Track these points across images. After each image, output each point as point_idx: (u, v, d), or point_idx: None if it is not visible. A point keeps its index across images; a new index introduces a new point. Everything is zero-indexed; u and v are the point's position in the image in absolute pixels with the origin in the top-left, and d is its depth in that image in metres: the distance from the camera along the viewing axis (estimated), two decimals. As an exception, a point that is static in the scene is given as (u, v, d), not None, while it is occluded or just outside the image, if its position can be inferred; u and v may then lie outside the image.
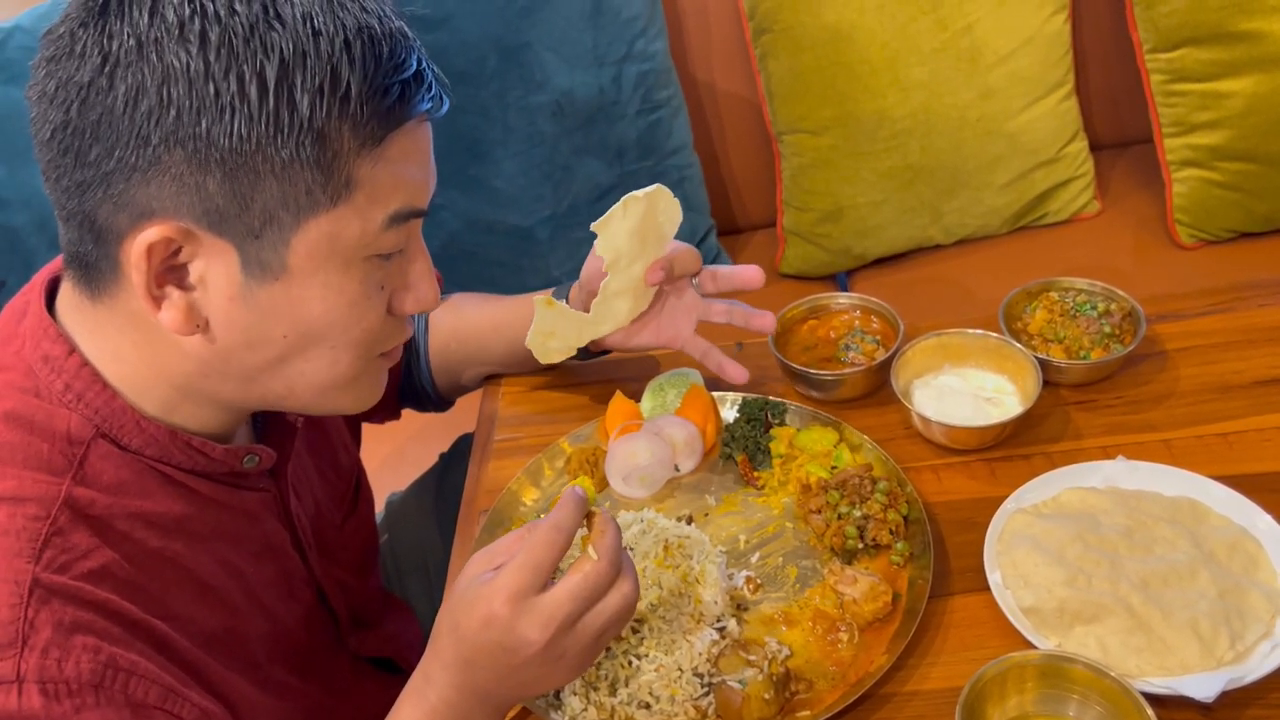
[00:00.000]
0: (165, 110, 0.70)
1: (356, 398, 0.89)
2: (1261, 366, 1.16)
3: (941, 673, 0.93)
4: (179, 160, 0.71)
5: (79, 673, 0.72)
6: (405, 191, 0.79)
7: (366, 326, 0.82)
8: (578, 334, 1.14)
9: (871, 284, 1.94)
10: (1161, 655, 0.88)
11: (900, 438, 1.15)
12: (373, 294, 0.81)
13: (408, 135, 0.78)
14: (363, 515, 1.17)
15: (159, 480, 0.84)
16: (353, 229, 0.77)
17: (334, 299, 0.79)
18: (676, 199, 1.09)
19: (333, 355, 0.82)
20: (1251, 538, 0.97)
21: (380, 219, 0.78)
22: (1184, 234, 1.87)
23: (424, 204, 0.82)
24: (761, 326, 1.17)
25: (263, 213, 0.74)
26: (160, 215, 0.73)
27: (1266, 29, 1.69)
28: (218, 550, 0.88)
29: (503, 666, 0.79)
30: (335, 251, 0.77)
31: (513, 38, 1.76)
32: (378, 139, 0.75)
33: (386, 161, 0.76)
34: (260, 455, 0.92)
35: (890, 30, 1.81)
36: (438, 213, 1.89)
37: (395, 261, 0.83)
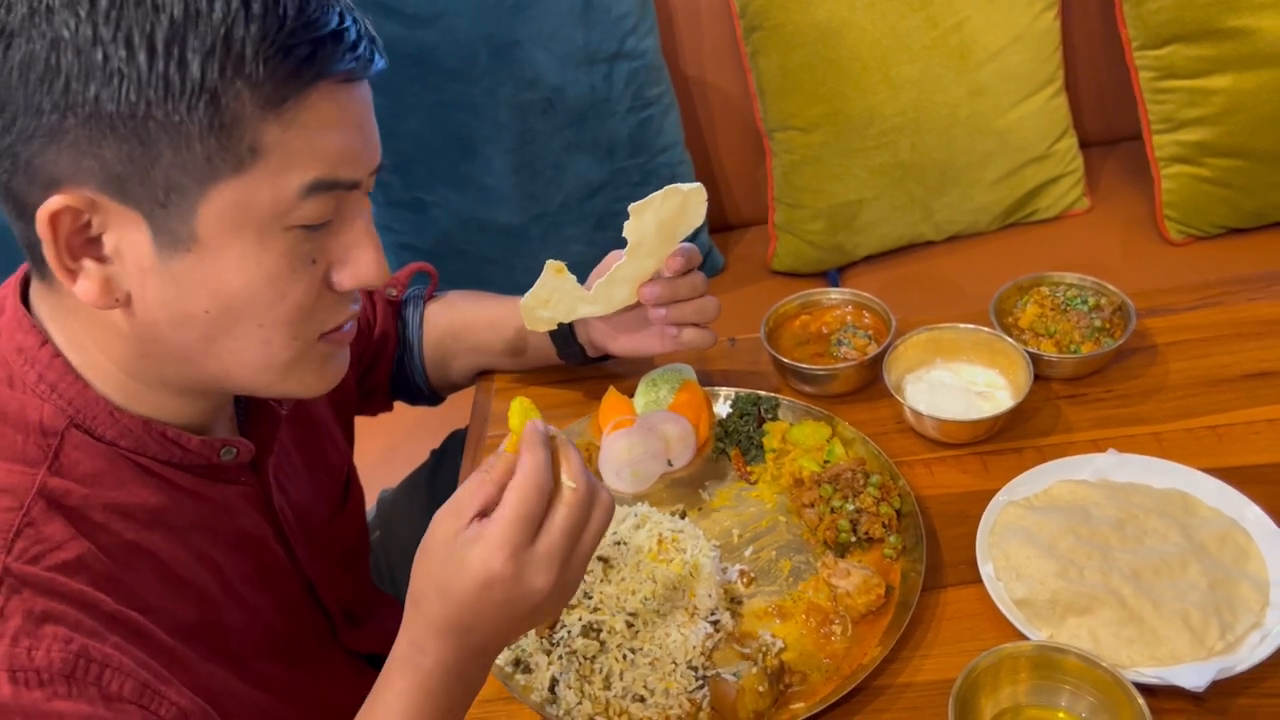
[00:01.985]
0: (55, 77, 0.68)
1: (300, 382, 0.84)
2: (1250, 360, 1.17)
3: (934, 665, 0.93)
4: (73, 128, 0.69)
5: (50, 662, 0.70)
6: (324, 158, 0.75)
7: (295, 302, 0.78)
8: (570, 309, 1.13)
9: (863, 281, 1.95)
10: (1153, 646, 0.89)
11: (892, 432, 1.16)
12: (298, 268, 0.77)
13: (326, 98, 0.74)
14: (352, 511, 1.17)
15: (135, 471, 0.83)
16: (263, 197, 0.73)
17: (252, 271, 0.75)
18: (706, 205, 1.07)
19: (262, 334, 0.79)
20: (1241, 529, 0.97)
21: (295, 187, 0.74)
22: (1173, 230, 1.88)
23: (353, 174, 0.78)
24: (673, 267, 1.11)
25: (165, 180, 0.71)
26: (66, 185, 0.71)
27: (1254, 25, 1.70)
28: (193, 542, 0.87)
29: (507, 619, 0.77)
30: (248, 221, 0.74)
31: (504, 35, 1.76)
32: (280, 100, 0.71)
33: (300, 127, 0.73)
34: (238, 448, 0.90)
35: (880, 28, 1.81)
36: (429, 210, 1.89)
37: (328, 234, 0.79)
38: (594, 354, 1.24)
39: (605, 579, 1.01)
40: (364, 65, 0.76)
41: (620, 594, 0.99)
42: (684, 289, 1.11)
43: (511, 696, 0.96)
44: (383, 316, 1.27)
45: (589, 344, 1.23)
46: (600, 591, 1.00)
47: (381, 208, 1.92)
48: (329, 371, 0.87)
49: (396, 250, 1.96)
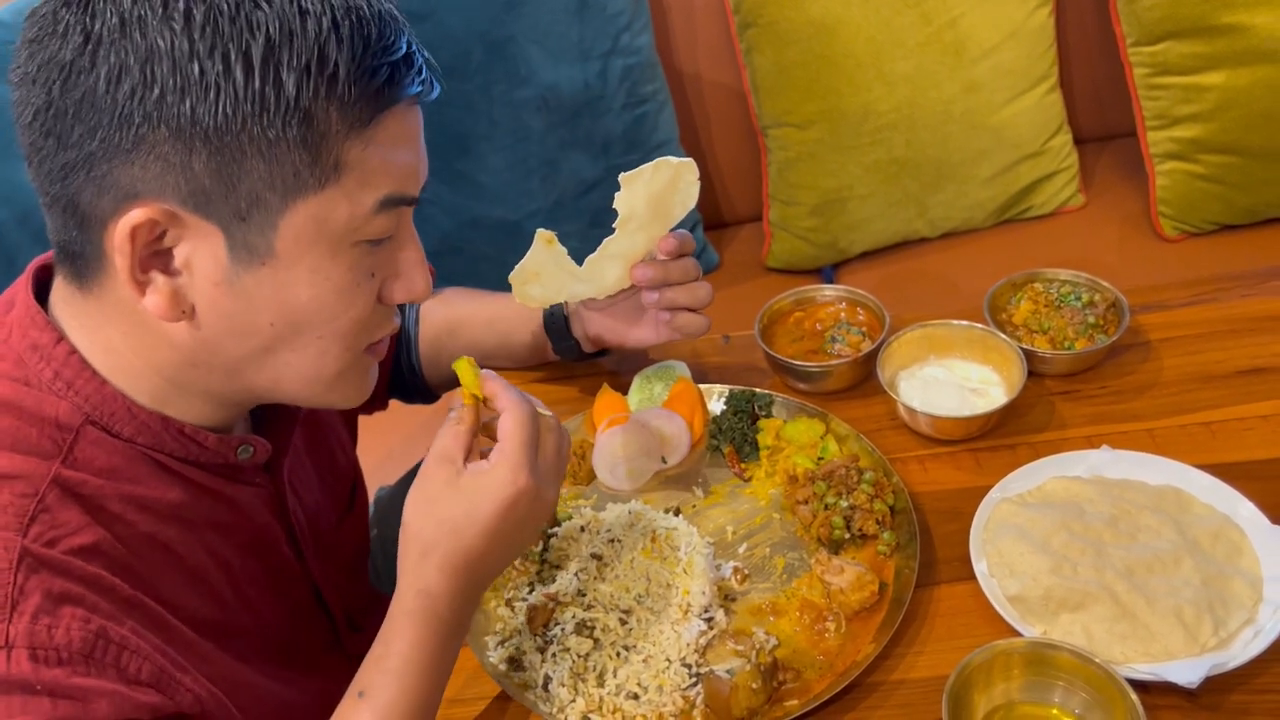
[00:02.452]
0: (149, 89, 0.69)
1: (344, 394, 0.87)
2: (1243, 356, 1.17)
3: (928, 661, 0.93)
4: (163, 140, 0.70)
5: (69, 640, 0.71)
6: (395, 176, 0.78)
7: (355, 315, 0.81)
8: (560, 287, 1.11)
9: (857, 277, 1.95)
10: (1146, 642, 0.89)
11: (886, 429, 1.16)
12: (362, 281, 0.80)
13: (397, 119, 0.77)
14: (359, 515, 1.17)
15: (152, 467, 0.83)
16: (341, 212, 0.76)
17: (322, 285, 0.78)
18: (699, 183, 1.07)
19: (320, 345, 0.81)
20: (1234, 525, 0.97)
21: (370, 203, 0.77)
22: (1167, 226, 1.88)
23: (415, 190, 0.81)
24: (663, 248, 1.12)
25: (249, 194, 0.73)
26: (144, 197, 0.72)
27: (1248, 22, 1.70)
28: (208, 540, 0.87)
29: (519, 538, 0.85)
30: (323, 236, 0.76)
31: (498, 31, 1.76)
32: (366, 120, 0.74)
33: (376, 145, 0.76)
34: (255, 446, 0.91)
35: (875, 24, 1.81)
36: (425, 208, 1.87)
37: (385, 249, 0.82)
38: (590, 349, 1.24)
39: (599, 576, 1.01)
40: (428, 89, 0.80)
41: (614, 591, 0.99)
42: (676, 272, 1.11)
43: (505, 694, 0.96)
44: None
45: (585, 338, 1.23)
46: (594, 589, 1.00)
47: (375, 205, 1.91)
48: (366, 382, 0.90)
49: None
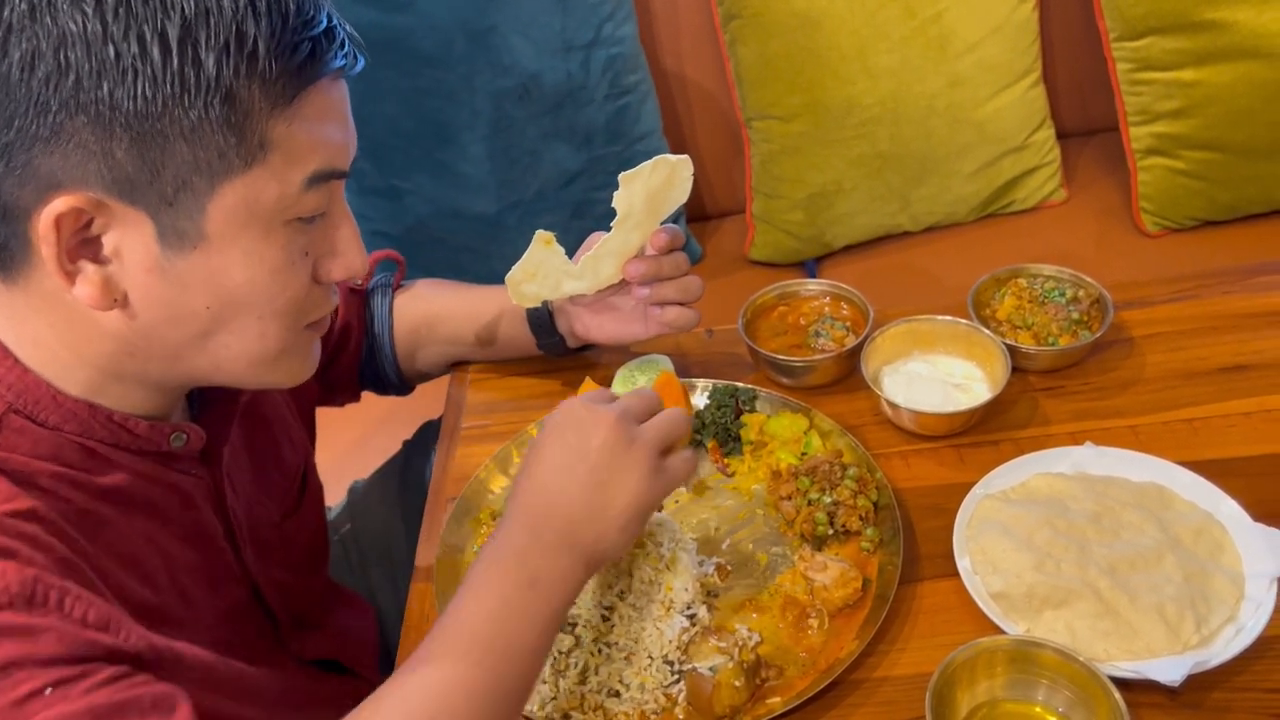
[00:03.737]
0: (64, 75, 0.67)
1: (288, 371, 0.87)
2: (1225, 353, 1.17)
3: (911, 658, 0.93)
4: (82, 127, 0.69)
5: (6, 585, 0.68)
6: (323, 151, 0.77)
7: (291, 295, 0.80)
8: (556, 285, 1.11)
9: (840, 271, 1.95)
10: (1129, 639, 0.89)
11: (870, 424, 1.16)
12: (296, 260, 0.80)
13: (322, 94, 0.76)
14: (307, 513, 1.12)
15: (83, 454, 0.80)
16: (270, 192, 0.75)
17: (256, 266, 0.77)
18: (692, 179, 1.07)
19: (259, 327, 0.80)
20: (1216, 522, 0.97)
21: (298, 180, 0.76)
22: (1149, 222, 1.88)
23: (344, 165, 0.81)
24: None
25: (175, 179, 0.71)
26: (67, 186, 0.70)
27: (1230, 18, 1.70)
28: (145, 526, 0.85)
29: (611, 478, 0.85)
30: (254, 216, 0.75)
31: (479, 21, 1.74)
32: (289, 97, 0.73)
33: (301, 120, 0.75)
34: (189, 434, 0.88)
35: (860, 17, 1.80)
36: (404, 197, 1.87)
37: (318, 227, 0.81)
38: (574, 344, 1.23)
39: None
40: (351, 62, 0.79)
41: (596, 587, 0.98)
42: (668, 267, 1.11)
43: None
44: (345, 308, 1.24)
45: (569, 334, 1.21)
46: (575, 585, 0.99)
47: (356, 195, 1.90)
48: (309, 360, 0.89)
49: (371, 238, 1.94)
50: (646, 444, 0.86)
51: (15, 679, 0.66)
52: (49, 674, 0.67)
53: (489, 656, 0.77)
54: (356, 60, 0.80)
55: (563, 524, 0.83)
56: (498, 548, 0.83)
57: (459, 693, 0.75)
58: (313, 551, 1.15)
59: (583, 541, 0.83)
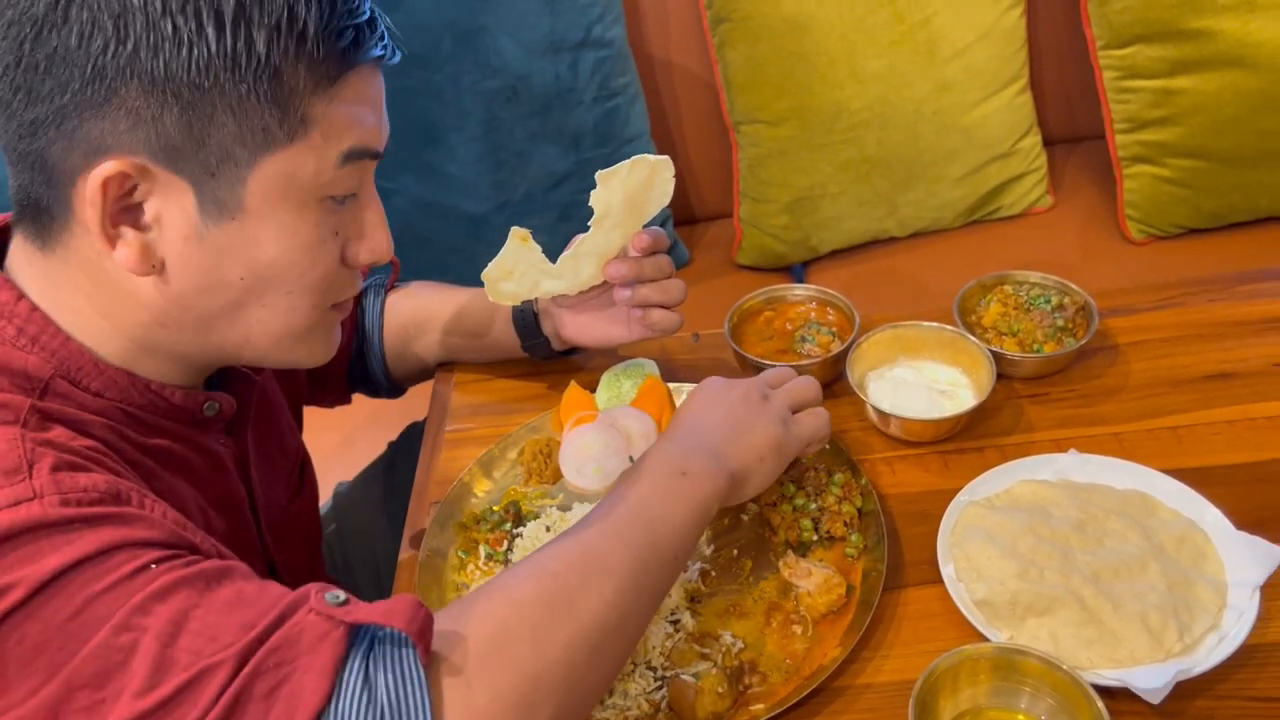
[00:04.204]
0: (121, 44, 0.71)
1: (311, 350, 0.90)
2: (1209, 361, 1.17)
3: (895, 665, 0.93)
4: (134, 94, 0.72)
5: (95, 484, 0.71)
6: (358, 131, 0.80)
7: (321, 272, 0.83)
8: (534, 284, 1.10)
9: (827, 276, 1.95)
10: (1112, 647, 0.89)
11: (855, 430, 1.15)
12: (327, 238, 0.83)
13: (362, 79, 0.80)
14: (308, 500, 1.16)
15: (125, 416, 0.83)
16: (308, 167, 0.78)
17: (289, 240, 0.80)
18: (673, 181, 1.07)
19: (289, 301, 0.83)
20: (1200, 530, 0.98)
21: (335, 156, 0.79)
22: (1134, 229, 1.89)
23: (378, 146, 0.84)
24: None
25: (219, 149, 0.74)
26: (115, 151, 0.73)
27: (1216, 27, 1.71)
28: (186, 486, 0.88)
29: (753, 421, 0.96)
30: (291, 191, 0.78)
31: (468, 21, 1.74)
32: (332, 79, 0.77)
33: (340, 101, 0.78)
34: (220, 403, 0.92)
35: (848, 22, 1.81)
36: (391, 198, 1.85)
37: (348, 209, 0.84)
38: (559, 347, 1.23)
39: None
40: (389, 53, 0.83)
41: (579, 592, 0.98)
42: (650, 269, 1.10)
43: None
44: None
45: (554, 336, 1.21)
46: (559, 590, 0.99)
47: (341, 195, 1.89)
48: (332, 340, 0.92)
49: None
50: (779, 398, 0.98)
51: (118, 559, 0.68)
52: (150, 553, 0.69)
53: (638, 523, 0.84)
54: (394, 53, 0.83)
55: (709, 440, 0.92)
56: (648, 456, 0.91)
57: (611, 546, 0.81)
58: (312, 540, 1.17)
59: (726, 455, 0.92)
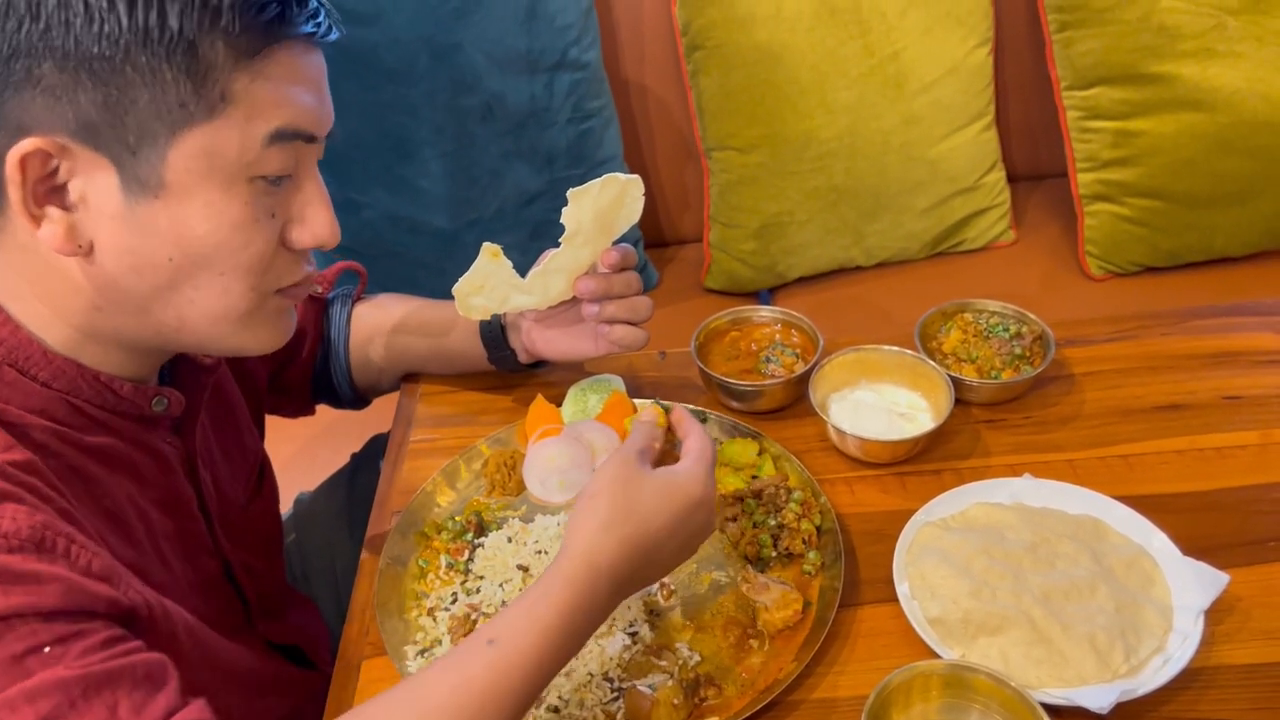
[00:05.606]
0: (34, 21, 0.71)
1: (255, 336, 0.87)
2: (1161, 392, 1.20)
3: (849, 681, 0.94)
4: (50, 72, 0.72)
5: (17, 529, 0.70)
6: (287, 110, 0.78)
7: (254, 252, 0.81)
8: (504, 298, 1.11)
9: (794, 302, 1.97)
10: (1060, 667, 0.90)
11: (816, 450, 1.17)
12: (260, 218, 0.81)
13: (292, 55, 0.78)
14: (267, 501, 1.15)
15: (71, 411, 0.83)
16: (231, 144, 0.76)
17: (216, 219, 0.78)
18: (644, 198, 1.08)
19: (223, 283, 0.81)
20: (1148, 556, 1.00)
21: (260, 135, 0.77)
22: (1094, 265, 1.93)
23: (313, 129, 0.82)
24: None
25: (137, 126, 0.73)
26: (35, 130, 0.73)
27: (1176, 72, 1.76)
28: (128, 487, 0.87)
29: (691, 545, 0.89)
30: (214, 168, 0.77)
31: (445, 38, 1.75)
32: (253, 53, 0.75)
33: (267, 78, 0.76)
34: (169, 399, 0.91)
35: (819, 53, 1.84)
36: (362, 211, 1.86)
37: (286, 190, 0.83)
38: (526, 360, 1.23)
39: (525, 588, 1.00)
40: (325, 30, 0.80)
41: (539, 603, 0.98)
42: (618, 285, 1.11)
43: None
44: (301, 313, 1.24)
45: (521, 349, 1.22)
46: (519, 600, 0.99)
47: (313, 206, 1.89)
48: (280, 327, 0.90)
49: (326, 251, 1.93)
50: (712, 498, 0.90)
51: (18, 632, 0.67)
52: (50, 630, 0.68)
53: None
54: (331, 29, 0.81)
55: (641, 577, 0.86)
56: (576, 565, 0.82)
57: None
58: (272, 542, 1.16)
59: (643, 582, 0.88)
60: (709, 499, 0.88)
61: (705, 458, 0.90)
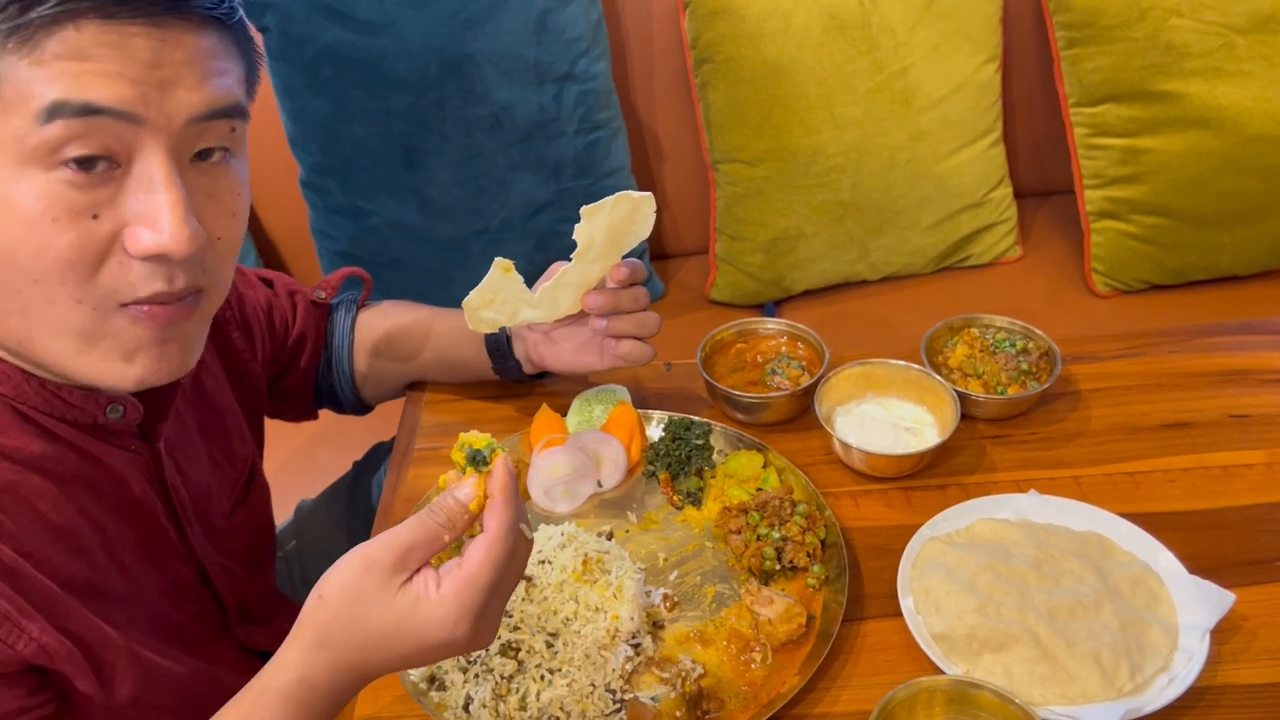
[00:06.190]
0: None
1: (106, 361, 0.77)
2: (1167, 410, 1.20)
3: (852, 696, 0.93)
4: None
5: None
6: (75, 82, 0.69)
7: (57, 255, 0.71)
8: (513, 312, 1.11)
9: (798, 315, 1.97)
10: (1064, 684, 0.90)
11: (821, 463, 1.17)
12: (60, 216, 0.71)
13: (88, 33, 0.69)
14: (255, 508, 1.13)
15: (14, 417, 0.80)
16: (4, 128, 0.69)
17: (6, 214, 0.70)
18: (654, 217, 1.08)
19: (40, 290, 0.72)
20: (1154, 574, 1.00)
21: (33, 109, 0.68)
22: (1100, 282, 1.93)
23: (119, 104, 0.70)
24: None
25: None
26: None
27: (1183, 90, 1.76)
28: (78, 498, 0.84)
29: (427, 661, 0.76)
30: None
31: (455, 49, 1.76)
32: (22, 34, 0.68)
33: (46, 55, 0.68)
34: (125, 407, 0.85)
35: (828, 68, 1.84)
36: (368, 219, 1.87)
37: (112, 189, 0.72)
38: (531, 370, 1.23)
39: (527, 598, 1.00)
40: (153, 5, 0.71)
41: (541, 613, 0.98)
42: (627, 301, 1.11)
43: (424, 714, 0.94)
44: (302, 318, 1.24)
45: (526, 360, 1.22)
46: (521, 610, 0.99)
47: (320, 213, 1.89)
48: (143, 360, 0.78)
49: (331, 257, 1.93)
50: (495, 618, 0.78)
51: None
52: None
53: None
54: (157, 9, 0.71)
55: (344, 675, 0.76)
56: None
57: None
58: (260, 549, 1.14)
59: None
60: (458, 641, 0.73)
61: (474, 586, 0.72)
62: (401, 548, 0.73)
